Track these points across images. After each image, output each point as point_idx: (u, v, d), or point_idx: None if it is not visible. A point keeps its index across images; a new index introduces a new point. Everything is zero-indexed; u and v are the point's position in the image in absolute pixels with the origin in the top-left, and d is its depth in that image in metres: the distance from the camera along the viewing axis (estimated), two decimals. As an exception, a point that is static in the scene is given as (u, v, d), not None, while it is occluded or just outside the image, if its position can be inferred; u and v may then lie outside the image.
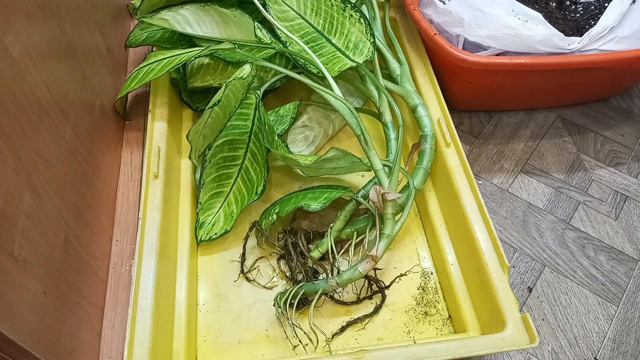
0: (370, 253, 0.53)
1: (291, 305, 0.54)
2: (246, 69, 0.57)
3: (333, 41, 0.64)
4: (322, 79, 0.64)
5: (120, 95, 0.65)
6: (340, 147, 0.56)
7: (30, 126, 0.42)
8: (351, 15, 0.65)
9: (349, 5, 0.65)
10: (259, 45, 0.63)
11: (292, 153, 0.63)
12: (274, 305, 0.56)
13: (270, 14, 0.64)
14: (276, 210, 0.58)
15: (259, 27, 0.65)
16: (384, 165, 0.58)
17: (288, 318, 0.54)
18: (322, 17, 0.65)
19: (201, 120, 0.56)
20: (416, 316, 0.58)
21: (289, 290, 0.54)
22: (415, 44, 0.74)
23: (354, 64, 0.62)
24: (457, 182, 0.59)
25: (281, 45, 0.64)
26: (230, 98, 0.57)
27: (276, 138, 0.61)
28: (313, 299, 0.54)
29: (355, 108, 0.72)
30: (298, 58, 0.63)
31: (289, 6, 0.66)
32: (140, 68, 0.64)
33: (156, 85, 0.67)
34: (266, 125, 0.59)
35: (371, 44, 0.63)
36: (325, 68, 0.60)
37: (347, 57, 0.63)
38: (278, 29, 0.63)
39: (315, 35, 0.65)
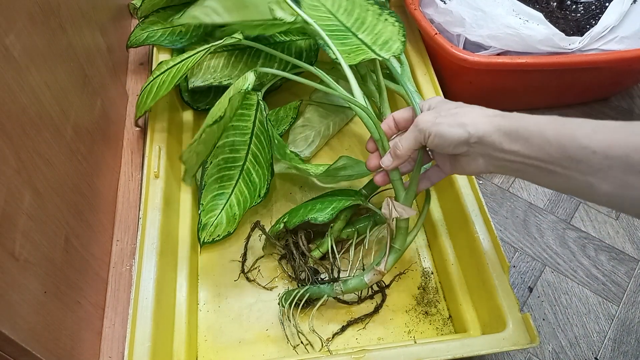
0: (378, 268, 0.52)
1: (296, 306, 0.54)
2: (250, 78, 0.56)
3: (360, 37, 0.62)
4: (332, 70, 0.61)
5: (140, 115, 0.64)
6: (350, 156, 0.56)
7: (31, 126, 0.42)
8: (386, 19, 0.63)
9: (386, 12, 0.64)
10: (275, 22, 0.59)
11: (303, 163, 0.62)
12: (278, 304, 0.56)
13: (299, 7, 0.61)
14: (284, 220, 0.58)
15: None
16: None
17: (289, 319, 0.54)
18: (353, 18, 0.64)
19: (196, 137, 0.55)
20: (417, 316, 0.58)
21: (294, 292, 0.54)
22: (416, 43, 0.74)
23: (379, 58, 0.59)
24: (457, 182, 0.59)
25: (302, 19, 0.59)
26: (227, 112, 0.56)
27: (288, 151, 0.61)
28: (317, 302, 0.54)
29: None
30: (318, 38, 0.59)
31: (322, 3, 0.65)
32: (153, 80, 0.62)
33: (157, 85, 0.67)
34: (276, 140, 0.59)
35: (401, 43, 0.60)
36: (346, 57, 0.57)
37: (373, 51, 0.60)
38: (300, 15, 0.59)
39: (342, 28, 0.63)
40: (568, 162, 0.37)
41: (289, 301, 0.54)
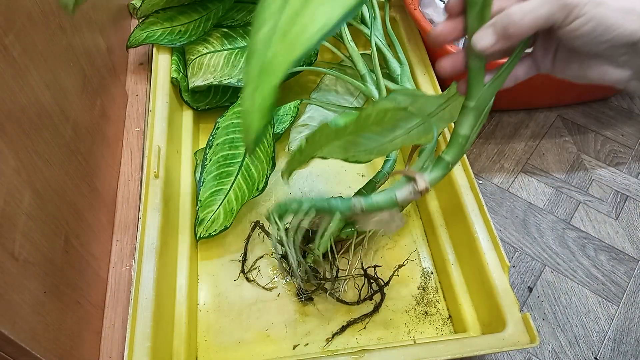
0: (419, 178, 0.34)
1: (292, 229, 0.38)
2: None
3: None
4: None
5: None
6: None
7: (30, 126, 0.42)
8: None
9: None
10: None
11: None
12: (266, 218, 0.43)
13: None
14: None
15: None
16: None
17: (284, 244, 0.40)
18: None
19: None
20: (416, 316, 0.58)
21: (290, 203, 0.39)
22: (415, 43, 0.74)
23: None
24: (457, 182, 0.59)
25: None
26: None
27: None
28: (325, 230, 0.42)
29: (355, 108, 0.73)
30: None
31: None
32: None
33: (156, 85, 0.67)
34: None
35: None
36: None
37: None
38: None
39: None
40: None
41: (280, 213, 0.37)
